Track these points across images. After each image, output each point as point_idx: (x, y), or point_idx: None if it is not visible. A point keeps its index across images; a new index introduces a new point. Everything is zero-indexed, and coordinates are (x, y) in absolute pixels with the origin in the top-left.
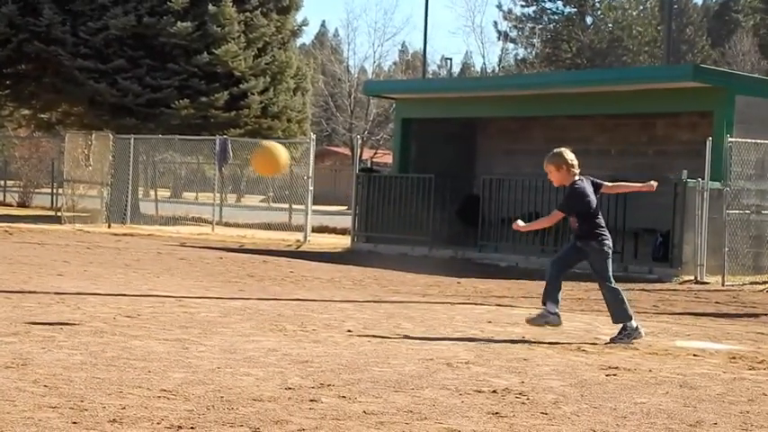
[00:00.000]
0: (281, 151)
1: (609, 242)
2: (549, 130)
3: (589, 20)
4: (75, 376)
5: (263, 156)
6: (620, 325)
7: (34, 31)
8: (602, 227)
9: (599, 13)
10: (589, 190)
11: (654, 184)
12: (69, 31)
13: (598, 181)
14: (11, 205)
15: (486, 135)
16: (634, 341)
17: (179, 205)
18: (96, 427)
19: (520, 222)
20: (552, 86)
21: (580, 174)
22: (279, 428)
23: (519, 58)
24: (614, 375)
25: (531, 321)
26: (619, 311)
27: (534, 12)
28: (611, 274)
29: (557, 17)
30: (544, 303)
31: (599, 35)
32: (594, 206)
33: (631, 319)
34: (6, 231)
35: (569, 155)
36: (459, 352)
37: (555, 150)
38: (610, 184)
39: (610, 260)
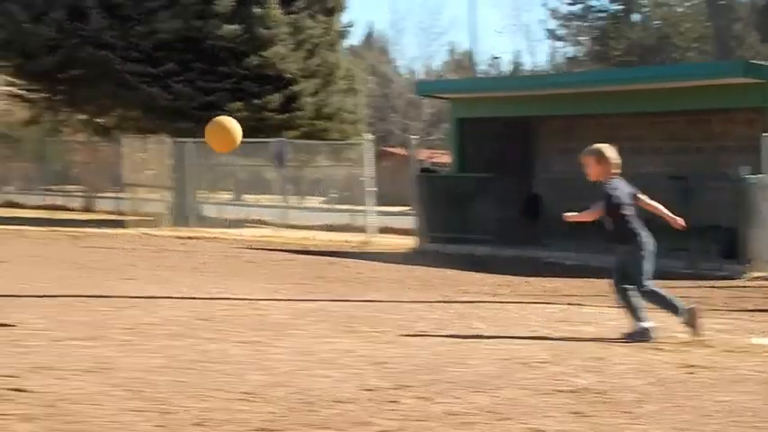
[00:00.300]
0: (234, 126)
1: (646, 244)
2: (603, 129)
3: (636, 17)
4: (157, 379)
5: (216, 131)
6: (680, 319)
7: (84, 35)
8: (637, 228)
9: (646, 10)
10: (622, 190)
11: (682, 223)
12: (118, 35)
13: (636, 191)
14: (75, 210)
15: (542, 133)
16: (697, 320)
17: (240, 208)
18: (182, 430)
19: (570, 213)
20: (604, 84)
21: (621, 176)
22: (362, 430)
23: (568, 56)
24: (692, 374)
25: (629, 337)
26: (670, 307)
27: (580, 10)
28: (645, 277)
29: (603, 15)
30: (638, 321)
31: (647, 32)
32: (627, 207)
33: (679, 306)
34: (74, 236)
35: (611, 152)
36: (534, 351)
37: (597, 145)
38: (646, 198)
39: (645, 262)
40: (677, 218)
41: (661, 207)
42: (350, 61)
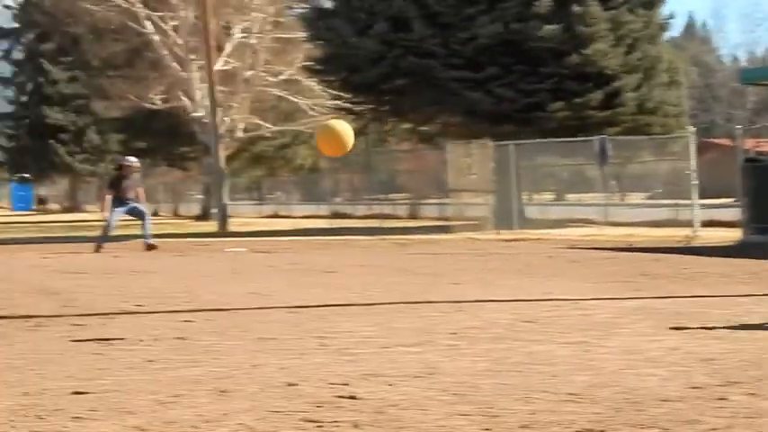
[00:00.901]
0: (345, 130)
1: None
2: None
3: None
4: (482, 383)
5: (326, 136)
6: None
7: (406, 46)
8: None
9: None
10: None
11: None
12: (440, 43)
13: None
14: (401, 218)
15: None
16: None
17: (563, 208)
18: None
19: None
20: None
21: None
22: (690, 429)
23: None
24: None
25: None
26: None
27: None
28: None
29: None
30: None
31: None
32: None
33: None
34: (400, 243)
35: None
36: None
37: None
38: None
39: None
40: None
41: None
42: (672, 53)
